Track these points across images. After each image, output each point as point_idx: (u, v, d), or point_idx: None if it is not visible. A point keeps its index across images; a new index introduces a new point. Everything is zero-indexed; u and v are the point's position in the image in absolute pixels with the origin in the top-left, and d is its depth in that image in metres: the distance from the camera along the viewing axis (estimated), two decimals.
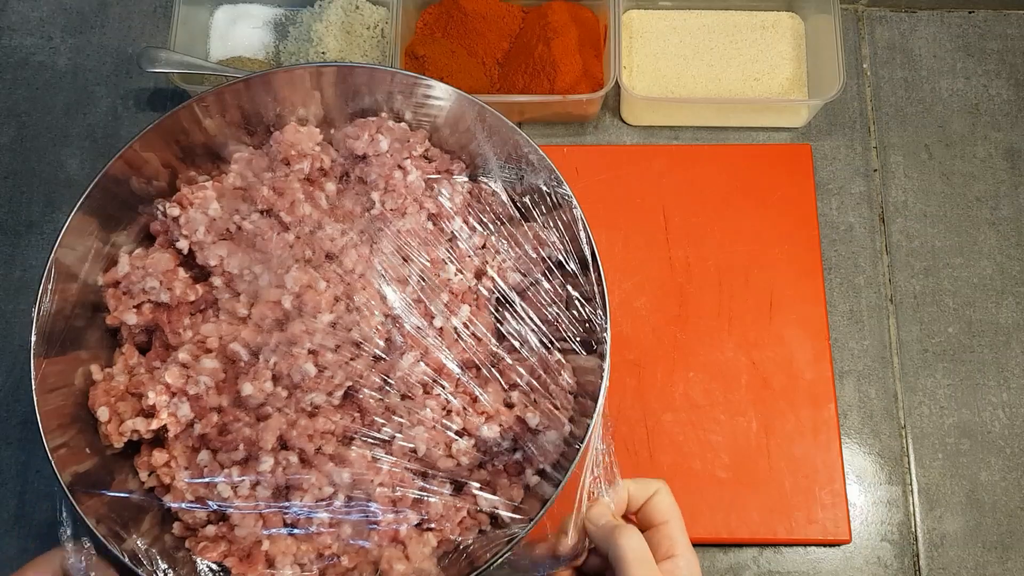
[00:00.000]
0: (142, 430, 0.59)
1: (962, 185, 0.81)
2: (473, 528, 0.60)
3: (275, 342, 0.59)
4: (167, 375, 0.59)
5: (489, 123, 0.63)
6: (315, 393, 0.59)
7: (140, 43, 0.86)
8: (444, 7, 0.82)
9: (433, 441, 0.59)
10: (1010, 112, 0.83)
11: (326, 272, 0.63)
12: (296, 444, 0.58)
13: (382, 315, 0.61)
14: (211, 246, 0.63)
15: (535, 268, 0.63)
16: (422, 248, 0.64)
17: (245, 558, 0.57)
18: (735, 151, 0.81)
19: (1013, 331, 0.76)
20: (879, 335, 0.76)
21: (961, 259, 0.78)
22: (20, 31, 0.86)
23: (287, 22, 0.84)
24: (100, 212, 0.60)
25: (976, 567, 0.70)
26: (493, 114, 0.62)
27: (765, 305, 0.76)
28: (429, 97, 0.63)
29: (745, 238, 0.78)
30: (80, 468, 0.56)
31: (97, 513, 0.54)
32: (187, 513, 0.59)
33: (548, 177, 0.62)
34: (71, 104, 0.84)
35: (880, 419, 0.74)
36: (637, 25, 0.85)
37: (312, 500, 0.58)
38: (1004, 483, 0.72)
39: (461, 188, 0.66)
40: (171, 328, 0.61)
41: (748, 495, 0.71)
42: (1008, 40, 0.85)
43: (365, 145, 0.63)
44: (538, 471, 0.60)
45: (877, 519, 0.72)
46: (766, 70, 0.83)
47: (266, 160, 0.65)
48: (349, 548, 0.59)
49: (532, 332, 0.63)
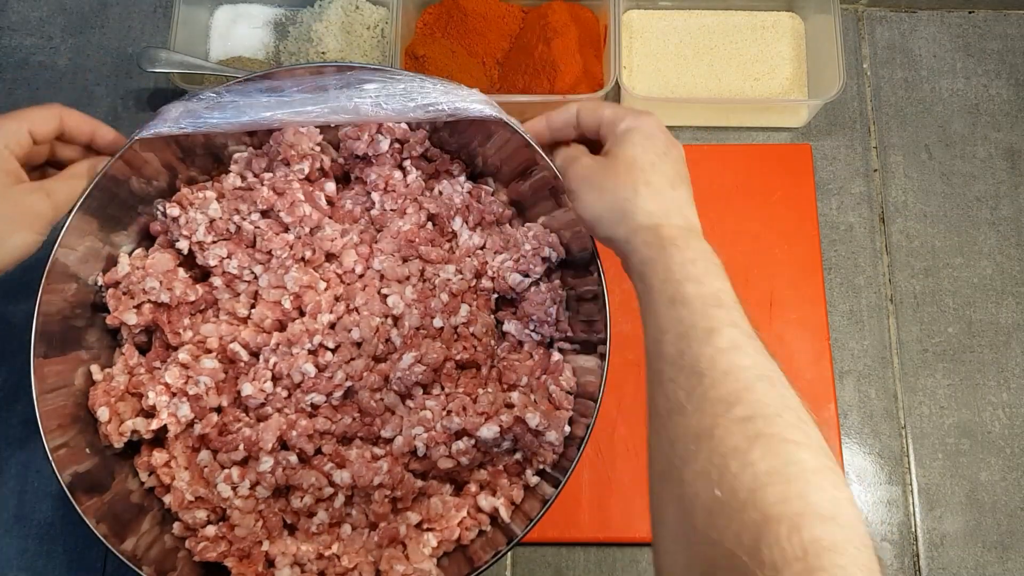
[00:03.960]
0: (142, 430, 0.59)
1: (962, 185, 0.81)
2: (473, 528, 0.60)
3: (275, 342, 0.60)
4: (167, 375, 0.59)
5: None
6: (315, 393, 0.59)
7: (140, 43, 0.86)
8: (444, 7, 0.82)
9: (433, 441, 0.59)
10: (1010, 112, 0.83)
11: (326, 272, 0.63)
12: (296, 444, 0.58)
13: (382, 315, 0.61)
14: (211, 246, 0.63)
15: (535, 268, 0.63)
16: (422, 248, 0.64)
17: (245, 558, 0.58)
18: (735, 151, 0.81)
19: (1013, 331, 0.76)
20: (879, 335, 0.76)
21: (961, 259, 0.78)
22: (20, 31, 0.86)
23: (287, 22, 0.84)
24: (100, 212, 0.60)
25: (976, 567, 0.70)
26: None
27: (765, 305, 0.76)
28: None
29: (745, 238, 0.78)
30: (80, 468, 0.56)
31: (97, 513, 0.55)
32: (187, 513, 0.59)
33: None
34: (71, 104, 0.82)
35: (880, 419, 0.74)
36: (637, 25, 0.85)
37: (312, 500, 0.58)
38: (1004, 483, 0.72)
39: (461, 188, 0.66)
40: (171, 328, 0.61)
41: None
42: (1008, 40, 0.85)
43: (365, 145, 0.63)
44: (538, 471, 0.60)
45: (877, 519, 0.72)
46: (766, 70, 0.83)
47: (266, 160, 0.65)
48: (349, 548, 0.59)
49: (532, 332, 0.63)
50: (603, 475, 0.70)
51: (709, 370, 0.41)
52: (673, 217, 0.49)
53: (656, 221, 0.48)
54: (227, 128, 0.59)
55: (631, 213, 0.49)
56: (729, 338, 0.42)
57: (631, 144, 0.51)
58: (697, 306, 0.43)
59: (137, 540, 0.56)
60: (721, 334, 0.42)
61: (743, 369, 0.41)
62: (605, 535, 0.69)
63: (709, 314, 0.43)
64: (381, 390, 0.60)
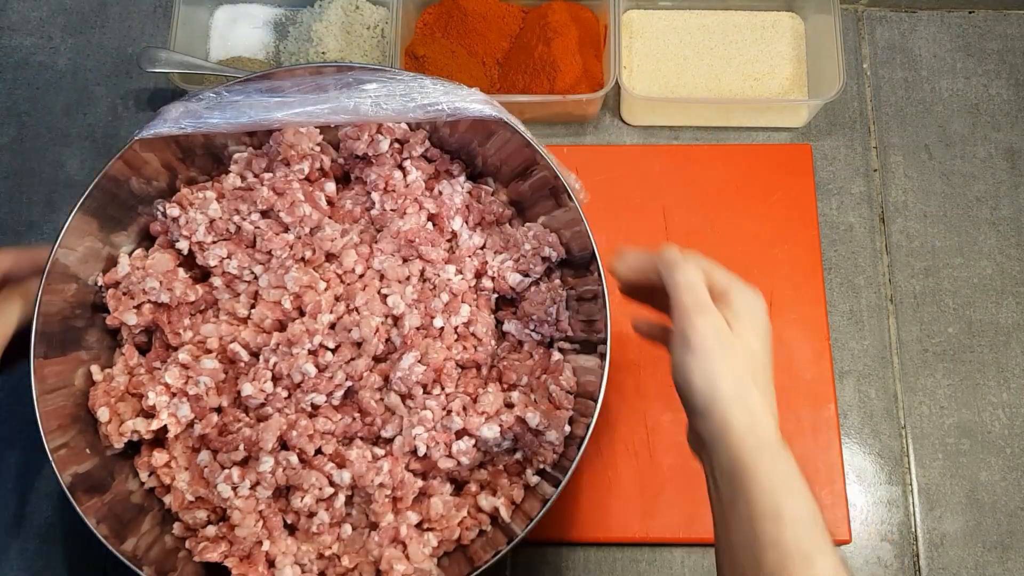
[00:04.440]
0: (142, 430, 0.59)
1: (962, 185, 0.81)
2: (473, 528, 0.60)
3: (275, 342, 0.60)
4: (167, 375, 0.59)
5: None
6: (315, 393, 0.59)
7: (140, 43, 0.86)
8: (444, 7, 0.82)
9: (433, 441, 0.59)
10: (1010, 112, 0.83)
11: (326, 272, 0.63)
12: (296, 444, 0.58)
13: (382, 315, 0.61)
14: (211, 246, 0.63)
15: (535, 268, 0.63)
16: (422, 248, 0.64)
17: (245, 558, 0.58)
18: (735, 151, 0.81)
19: (1013, 331, 0.76)
20: (879, 335, 0.76)
21: (961, 259, 0.78)
22: (20, 31, 0.86)
23: (287, 22, 0.84)
24: (100, 212, 0.60)
25: (976, 567, 0.70)
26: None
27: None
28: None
29: (745, 238, 0.78)
30: (80, 468, 0.56)
31: (97, 513, 0.55)
32: (187, 513, 0.59)
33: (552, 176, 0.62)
34: (71, 104, 0.84)
35: (880, 419, 0.74)
36: (637, 25, 0.85)
37: (312, 500, 0.58)
38: (1004, 483, 0.72)
39: (461, 188, 0.66)
40: (171, 328, 0.61)
41: None
42: (1008, 40, 0.85)
43: (365, 146, 0.63)
44: (538, 471, 0.60)
45: (877, 519, 0.72)
46: (766, 70, 0.83)
47: (266, 160, 0.65)
48: (349, 548, 0.59)
49: (532, 332, 0.63)
50: (603, 475, 0.70)
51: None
52: (770, 422, 0.47)
53: (755, 421, 0.46)
54: (227, 128, 0.59)
55: (735, 405, 0.46)
56: (827, 565, 0.42)
57: (752, 330, 0.48)
58: (797, 528, 0.43)
59: (137, 540, 0.56)
60: (819, 561, 0.42)
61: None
62: (605, 535, 0.69)
63: (808, 537, 0.43)
64: (381, 390, 0.60)
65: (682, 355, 0.48)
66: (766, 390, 0.48)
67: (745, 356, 0.47)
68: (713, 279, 0.49)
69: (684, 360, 0.47)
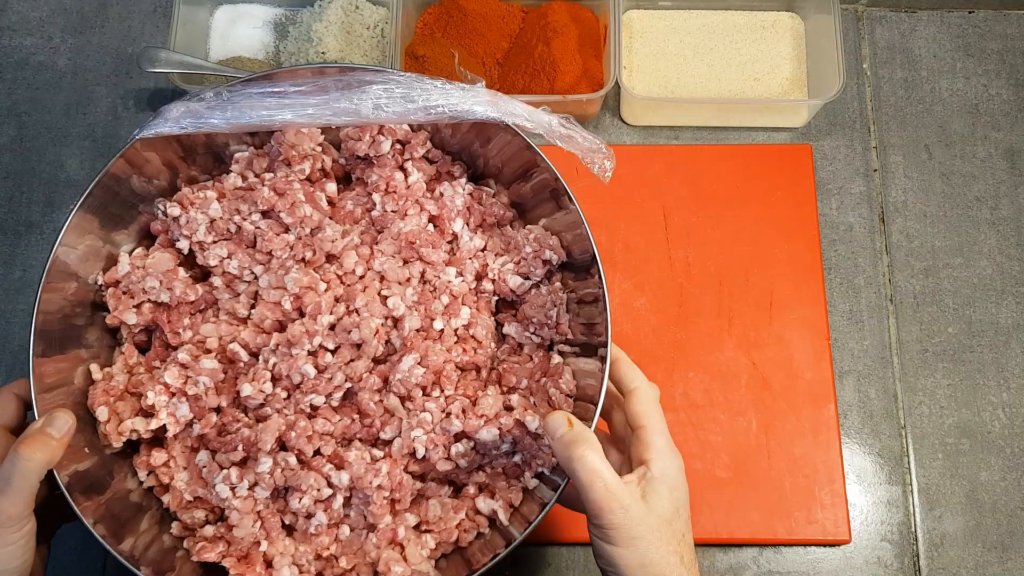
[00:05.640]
0: (141, 430, 0.59)
1: (962, 185, 0.81)
2: (471, 530, 0.60)
3: (275, 343, 0.59)
4: (166, 375, 0.59)
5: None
6: (314, 394, 0.59)
7: (140, 43, 0.86)
8: (444, 7, 0.82)
9: (432, 443, 0.59)
10: (1010, 112, 0.83)
11: (326, 273, 0.63)
12: (295, 445, 0.58)
13: (382, 317, 0.61)
14: (211, 246, 0.63)
15: (535, 270, 0.63)
16: (422, 250, 0.64)
17: (243, 559, 0.57)
18: (735, 151, 0.81)
19: (1013, 331, 0.76)
20: (879, 335, 0.76)
21: (961, 259, 0.78)
22: (20, 31, 0.86)
23: (287, 22, 0.84)
24: (101, 211, 0.60)
25: (976, 567, 0.70)
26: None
27: (765, 305, 0.76)
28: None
29: (745, 238, 0.78)
30: (79, 467, 0.56)
31: (95, 513, 0.54)
32: (185, 513, 0.59)
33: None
34: (71, 104, 0.84)
35: (880, 419, 0.74)
36: (637, 25, 0.85)
37: (310, 501, 0.58)
38: (1004, 483, 0.72)
39: (462, 190, 0.66)
40: (171, 328, 0.61)
41: (748, 495, 0.71)
42: (1008, 40, 0.85)
43: (367, 146, 0.63)
44: (537, 474, 0.60)
45: (877, 519, 0.72)
46: (766, 70, 0.83)
47: (267, 160, 0.65)
48: (347, 549, 0.59)
49: (532, 335, 0.63)
50: None
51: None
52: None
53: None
54: (228, 129, 0.59)
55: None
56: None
57: (666, 499, 0.47)
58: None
59: (135, 540, 0.56)
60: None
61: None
62: None
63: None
64: (381, 392, 0.60)
65: (603, 547, 0.47)
66: (691, 560, 0.47)
67: (659, 524, 0.46)
68: (640, 419, 0.49)
69: (606, 550, 0.46)
